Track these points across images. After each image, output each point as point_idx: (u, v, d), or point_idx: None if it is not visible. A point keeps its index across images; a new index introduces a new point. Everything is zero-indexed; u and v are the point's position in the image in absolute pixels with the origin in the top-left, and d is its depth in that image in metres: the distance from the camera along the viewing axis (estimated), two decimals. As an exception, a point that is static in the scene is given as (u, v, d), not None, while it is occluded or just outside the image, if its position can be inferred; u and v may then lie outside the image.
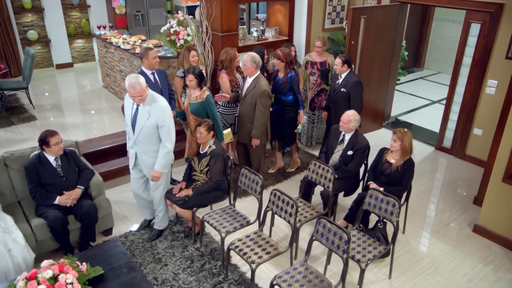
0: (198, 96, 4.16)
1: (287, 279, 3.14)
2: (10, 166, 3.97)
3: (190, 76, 4.10)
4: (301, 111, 4.95)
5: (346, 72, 4.94)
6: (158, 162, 3.74)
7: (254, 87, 4.43)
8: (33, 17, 8.59)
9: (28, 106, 6.80)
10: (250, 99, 4.46)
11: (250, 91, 4.47)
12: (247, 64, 4.39)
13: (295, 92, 4.82)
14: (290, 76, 4.75)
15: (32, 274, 2.78)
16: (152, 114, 3.60)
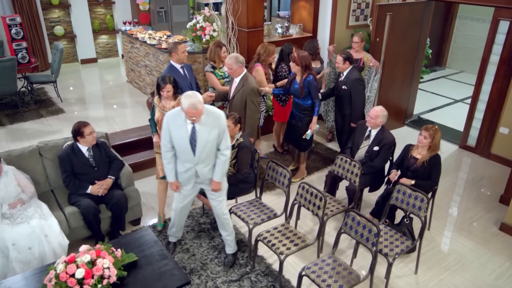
0: (176, 105, 3.83)
1: (316, 270, 3.18)
2: (45, 156, 4.10)
3: (168, 86, 3.80)
4: (314, 117, 4.71)
5: (347, 70, 4.89)
6: (217, 172, 3.40)
7: (242, 86, 4.37)
8: (60, 13, 8.78)
9: (56, 99, 6.97)
10: (240, 98, 4.40)
11: (239, 90, 4.41)
12: (233, 66, 4.31)
13: (313, 97, 4.63)
14: (308, 81, 4.54)
15: (71, 258, 2.87)
16: (212, 127, 3.25)
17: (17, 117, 6.23)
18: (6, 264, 3.37)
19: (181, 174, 3.46)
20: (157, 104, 4.00)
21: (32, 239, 3.45)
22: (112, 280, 2.85)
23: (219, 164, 3.38)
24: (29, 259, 3.43)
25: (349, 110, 5.01)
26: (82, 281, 2.76)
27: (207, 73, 4.82)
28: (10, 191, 3.66)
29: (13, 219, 3.54)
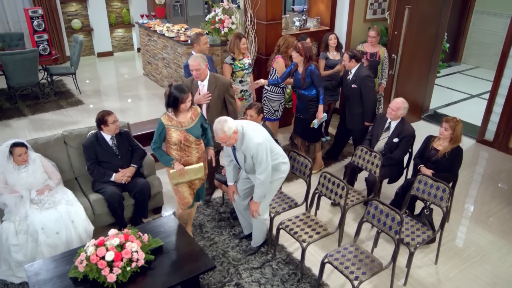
0: (193, 115, 3.51)
1: (339, 257, 3.22)
2: (69, 144, 4.19)
3: (189, 95, 3.40)
4: (320, 106, 4.66)
5: (355, 68, 4.73)
6: (256, 193, 3.43)
7: (216, 86, 4.05)
8: (77, 7, 8.89)
9: (75, 91, 7.07)
10: (217, 98, 4.09)
11: (212, 90, 4.06)
12: (201, 66, 3.88)
13: (317, 86, 4.59)
14: (310, 70, 4.51)
15: (100, 241, 2.95)
16: (246, 152, 3.30)
17: (38, 108, 6.34)
18: (35, 247, 3.46)
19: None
20: (169, 124, 3.45)
21: (60, 224, 3.54)
22: (140, 263, 2.92)
23: (256, 185, 3.40)
24: (56, 243, 3.51)
25: (360, 109, 4.84)
26: (111, 264, 2.84)
27: (224, 65, 4.86)
28: (38, 178, 3.75)
29: (41, 205, 3.62)
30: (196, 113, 3.54)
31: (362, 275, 3.06)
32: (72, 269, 2.91)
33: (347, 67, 4.78)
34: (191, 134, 3.49)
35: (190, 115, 3.49)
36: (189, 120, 3.49)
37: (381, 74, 5.54)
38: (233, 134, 3.17)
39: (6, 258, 3.47)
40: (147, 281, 2.91)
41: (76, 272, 2.87)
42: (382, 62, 5.48)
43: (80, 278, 2.85)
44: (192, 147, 3.54)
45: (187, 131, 3.47)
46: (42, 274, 2.94)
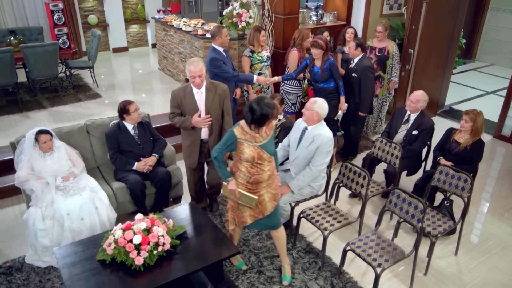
0: (268, 129, 3.08)
1: (361, 245, 3.25)
2: (92, 133, 4.26)
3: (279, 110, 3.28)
4: (342, 97, 4.71)
5: (359, 57, 4.78)
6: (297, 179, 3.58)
7: (215, 91, 3.70)
8: (94, 2, 8.99)
9: (92, 85, 7.17)
10: (218, 107, 3.74)
11: (212, 98, 3.69)
12: (203, 72, 3.56)
13: (336, 78, 4.63)
14: (330, 63, 4.54)
15: (127, 225, 3.00)
16: (315, 141, 3.47)
17: (57, 101, 6.44)
18: (61, 233, 3.53)
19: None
20: (242, 138, 3.03)
21: (84, 210, 3.60)
22: (166, 247, 2.97)
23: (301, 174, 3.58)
24: (81, 229, 3.58)
25: (357, 99, 4.85)
26: (139, 247, 2.89)
27: (243, 57, 4.91)
28: (63, 165, 3.82)
29: (66, 191, 3.69)
30: (270, 126, 3.10)
31: (385, 262, 3.08)
32: (100, 252, 2.97)
33: (351, 55, 4.83)
34: (265, 151, 3.05)
35: (265, 129, 3.06)
36: (264, 134, 3.07)
37: (391, 69, 5.52)
38: (315, 114, 3.49)
39: (32, 243, 3.55)
40: (173, 265, 2.95)
41: (104, 254, 2.93)
42: (392, 57, 5.46)
43: (108, 260, 2.91)
44: (264, 164, 3.10)
45: (261, 147, 3.03)
46: (70, 257, 3.00)
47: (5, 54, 5.58)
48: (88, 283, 2.77)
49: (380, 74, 5.52)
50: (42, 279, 3.41)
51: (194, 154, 3.90)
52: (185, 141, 3.91)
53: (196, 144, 3.85)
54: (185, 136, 3.88)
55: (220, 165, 3.15)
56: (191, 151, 3.90)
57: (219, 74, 4.51)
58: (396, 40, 6.16)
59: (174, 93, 3.76)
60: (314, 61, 4.65)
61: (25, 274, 3.46)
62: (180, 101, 3.70)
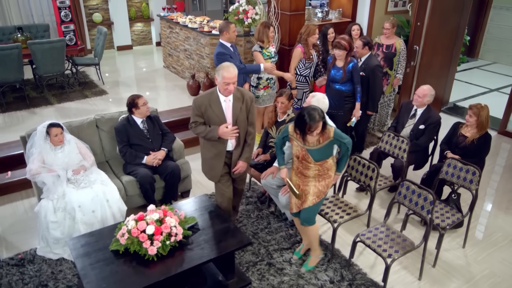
0: (322, 138, 3.11)
1: (370, 236, 3.28)
2: (101, 128, 4.29)
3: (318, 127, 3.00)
4: (358, 103, 4.64)
5: (366, 55, 4.76)
6: None
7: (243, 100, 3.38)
8: (99, 0, 9.04)
9: (98, 82, 7.21)
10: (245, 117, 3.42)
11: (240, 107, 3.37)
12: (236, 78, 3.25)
13: (355, 82, 4.54)
14: (353, 65, 4.48)
15: (140, 216, 3.04)
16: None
17: (63, 97, 6.48)
18: (72, 225, 3.56)
19: None
20: (294, 136, 3.19)
21: (95, 202, 3.63)
22: (178, 238, 3.00)
23: None
24: (92, 221, 3.61)
25: (363, 98, 4.75)
26: (152, 237, 2.92)
27: (255, 53, 4.93)
28: (73, 158, 3.85)
29: (77, 184, 3.73)
30: (326, 137, 3.10)
31: (395, 253, 3.11)
32: (113, 242, 3.00)
33: (359, 54, 4.78)
34: (310, 156, 3.14)
35: (318, 137, 3.09)
36: (315, 142, 3.11)
37: (397, 66, 5.54)
38: None
39: (44, 235, 3.58)
40: (186, 255, 2.98)
41: (118, 245, 2.96)
42: (398, 54, 5.47)
43: (122, 250, 2.94)
44: (310, 165, 3.18)
45: (308, 150, 3.13)
46: (84, 248, 3.03)
47: (13, 50, 5.62)
48: (102, 272, 2.80)
49: (386, 71, 5.54)
50: (54, 271, 3.44)
51: (217, 166, 3.49)
52: (207, 153, 3.49)
53: (221, 156, 3.45)
54: (208, 148, 3.47)
55: (278, 152, 3.45)
56: (214, 163, 3.48)
57: None
58: (401, 36, 6.19)
59: (198, 101, 3.33)
60: (335, 61, 4.57)
61: (37, 266, 3.49)
62: (205, 110, 3.30)
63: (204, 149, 3.55)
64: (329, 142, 3.13)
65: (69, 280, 3.36)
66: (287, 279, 3.38)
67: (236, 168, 3.49)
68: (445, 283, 3.40)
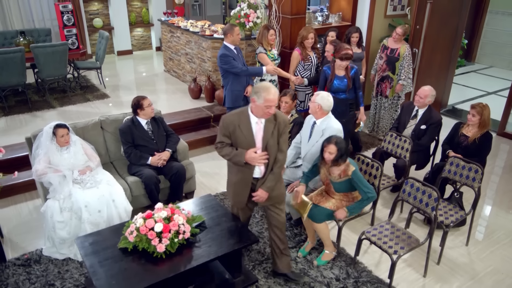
0: (342, 174, 3.35)
1: (376, 234, 3.32)
2: (105, 129, 4.32)
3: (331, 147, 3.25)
4: (362, 108, 4.69)
5: None
6: None
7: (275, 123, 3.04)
8: (99, 6, 9.09)
9: (99, 86, 7.24)
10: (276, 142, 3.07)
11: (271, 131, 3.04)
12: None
13: (357, 87, 4.59)
14: (356, 72, 4.52)
15: (148, 214, 3.06)
16: (325, 134, 3.56)
17: (65, 101, 6.50)
18: (79, 225, 3.57)
19: None
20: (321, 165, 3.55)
21: (102, 202, 3.65)
22: (186, 235, 3.02)
23: None
24: (98, 221, 3.62)
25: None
26: (160, 235, 2.94)
27: (260, 54, 4.99)
28: (79, 159, 3.87)
29: (83, 184, 3.74)
30: (345, 174, 3.32)
31: (401, 249, 3.15)
32: (121, 240, 3.01)
33: (330, 57, 4.79)
34: (332, 186, 3.46)
35: (340, 172, 3.33)
36: (337, 176, 3.36)
37: (400, 71, 5.58)
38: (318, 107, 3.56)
39: (50, 235, 3.58)
40: (194, 253, 3.00)
41: (126, 242, 2.98)
42: (403, 59, 5.49)
43: (130, 248, 2.95)
44: (335, 195, 3.51)
45: (331, 181, 3.44)
46: (92, 246, 3.04)
47: (16, 54, 5.65)
48: (111, 270, 2.81)
49: (389, 74, 5.57)
50: (60, 270, 3.45)
51: (243, 193, 3.19)
52: (233, 177, 3.22)
53: (247, 182, 3.15)
54: (233, 172, 3.20)
55: (308, 173, 3.61)
56: (239, 189, 3.19)
57: (230, 70, 4.61)
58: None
59: (227, 121, 3.03)
60: (334, 72, 4.51)
61: (43, 266, 3.49)
62: (233, 130, 3.01)
63: (230, 172, 3.27)
64: (347, 179, 3.35)
65: (76, 279, 3.36)
66: (293, 277, 3.40)
67: (255, 194, 3.14)
68: (450, 280, 3.43)
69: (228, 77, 4.73)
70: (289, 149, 3.90)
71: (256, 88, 2.91)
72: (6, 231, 3.94)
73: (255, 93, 2.88)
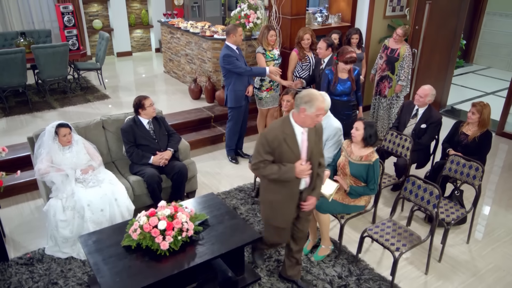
0: (365, 157, 3.41)
1: (378, 231, 3.33)
2: (107, 129, 4.33)
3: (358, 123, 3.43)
4: (360, 108, 4.83)
5: (328, 56, 4.80)
6: None
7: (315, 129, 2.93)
8: (99, 7, 9.11)
9: (99, 87, 7.25)
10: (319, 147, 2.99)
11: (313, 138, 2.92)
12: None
13: (357, 89, 4.64)
14: (358, 73, 4.57)
15: (151, 212, 3.07)
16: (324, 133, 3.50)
17: (65, 101, 6.51)
18: (81, 224, 3.58)
19: None
20: (345, 147, 3.59)
21: (104, 201, 3.66)
22: (190, 233, 3.04)
23: None
24: (100, 220, 3.63)
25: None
26: (164, 232, 2.95)
27: (257, 54, 5.02)
28: (81, 158, 3.88)
29: (85, 183, 3.75)
30: (367, 158, 3.39)
31: (403, 246, 3.17)
32: (125, 238, 3.02)
33: (322, 55, 4.83)
34: (348, 168, 3.50)
35: (363, 154, 3.43)
36: (358, 157, 3.44)
37: (399, 71, 5.60)
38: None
39: (53, 234, 3.59)
40: (197, 250, 3.02)
41: (130, 240, 2.99)
42: (402, 60, 5.51)
43: (134, 246, 2.96)
44: (346, 178, 3.54)
45: (349, 162, 3.49)
46: (95, 244, 3.05)
47: (17, 55, 5.66)
48: (115, 267, 2.82)
49: (388, 74, 5.60)
50: (63, 269, 3.45)
51: (290, 210, 2.97)
52: (274, 195, 2.93)
53: (294, 197, 2.94)
54: (275, 190, 2.91)
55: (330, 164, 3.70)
56: (285, 207, 2.95)
57: (233, 70, 4.63)
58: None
59: (270, 137, 2.77)
60: (336, 76, 4.48)
61: (46, 265, 3.49)
62: (278, 145, 2.76)
63: (268, 191, 2.97)
64: (367, 164, 3.40)
65: (79, 278, 3.37)
66: (295, 275, 3.41)
67: (306, 204, 2.97)
68: (452, 277, 3.45)
69: (231, 77, 4.75)
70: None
71: (304, 97, 2.68)
72: (8, 231, 3.95)
73: (306, 103, 2.66)
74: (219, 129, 5.84)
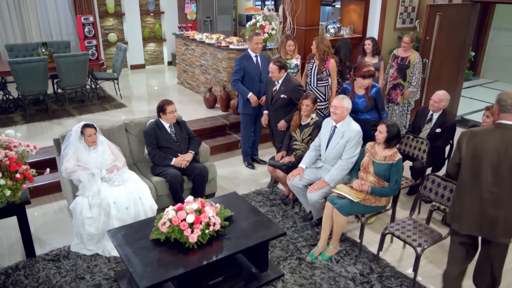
0: (388, 157, 3.57)
1: (399, 228, 3.40)
2: (130, 132, 4.45)
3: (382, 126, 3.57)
4: None
5: (282, 78, 4.57)
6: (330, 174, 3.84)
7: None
8: (114, 21, 9.36)
9: (116, 96, 7.41)
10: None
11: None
12: None
13: (380, 109, 4.41)
14: (377, 91, 4.34)
15: (179, 207, 3.16)
16: (345, 135, 3.79)
17: (84, 110, 6.66)
18: (107, 221, 3.66)
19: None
20: (369, 149, 3.74)
21: (129, 199, 3.75)
22: (216, 227, 3.12)
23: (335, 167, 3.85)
24: (125, 218, 3.71)
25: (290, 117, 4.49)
26: (192, 226, 3.03)
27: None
28: (106, 158, 3.99)
29: (111, 182, 3.85)
30: (391, 158, 3.54)
31: (425, 242, 3.22)
32: (153, 231, 3.11)
33: (275, 78, 4.55)
34: (371, 167, 3.63)
35: (387, 154, 3.58)
36: (382, 157, 3.59)
37: (411, 78, 5.72)
38: (346, 110, 3.75)
39: (79, 231, 3.67)
40: (224, 244, 3.09)
41: (158, 233, 3.07)
42: (413, 67, 5.65)
43: (162, 239, 3.04)
44: (369, 176, 3.65)
45: (373, 162, 3.63)
46: (124, 238, 3.13)
47: (40, 63, 5.84)
48: (145, 259, 2.90)
49: (400, 82, 5.71)
50: (89, 265, 3.52)
51: None
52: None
53: None
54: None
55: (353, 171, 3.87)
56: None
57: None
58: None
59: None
60: (354, 90, 4.38)
61: (72, 261, 3.56)
62: None
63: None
64: (390, 163, 3.54)
65: (105, 273, 3.43)
66: (318, 272, 3.47)
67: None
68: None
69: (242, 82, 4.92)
70: (308, 150, 4.09)
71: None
72: (33, 230, 4.01)
73: None
74: (235, 136, 5.96)
